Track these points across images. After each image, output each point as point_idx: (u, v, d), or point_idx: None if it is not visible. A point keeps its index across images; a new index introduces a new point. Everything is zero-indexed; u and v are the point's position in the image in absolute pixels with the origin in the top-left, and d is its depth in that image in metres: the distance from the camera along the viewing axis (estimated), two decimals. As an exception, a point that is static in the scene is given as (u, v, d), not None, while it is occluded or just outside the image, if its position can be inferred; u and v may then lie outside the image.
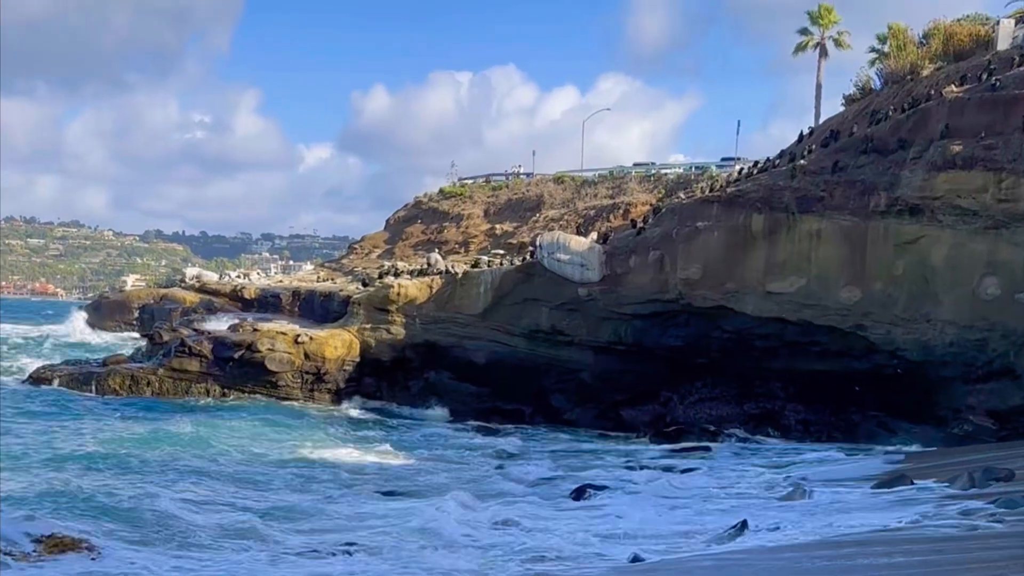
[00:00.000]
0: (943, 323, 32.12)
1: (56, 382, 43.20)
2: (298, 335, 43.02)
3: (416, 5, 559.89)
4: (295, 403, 41.47)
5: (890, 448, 31.43)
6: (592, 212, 63.11)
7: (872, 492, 20.64)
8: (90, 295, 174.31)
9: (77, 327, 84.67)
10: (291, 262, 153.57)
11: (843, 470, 26.21)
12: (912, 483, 20.46)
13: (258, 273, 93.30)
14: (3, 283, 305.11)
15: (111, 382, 42.58)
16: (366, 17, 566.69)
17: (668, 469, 27.95)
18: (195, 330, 46.34)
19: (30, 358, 56.59)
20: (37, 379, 44.37)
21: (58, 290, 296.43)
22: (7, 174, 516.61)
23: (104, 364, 46.74)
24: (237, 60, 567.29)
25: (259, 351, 42.24)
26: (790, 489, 22.24)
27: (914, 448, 31.27)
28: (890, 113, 36.19)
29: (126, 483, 23.53)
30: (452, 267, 45.81)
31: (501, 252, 55.05)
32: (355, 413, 40.71)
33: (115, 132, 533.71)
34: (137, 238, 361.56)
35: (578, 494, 23.24)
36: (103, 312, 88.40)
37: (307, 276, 79.39)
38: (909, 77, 38.81)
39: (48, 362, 50.84)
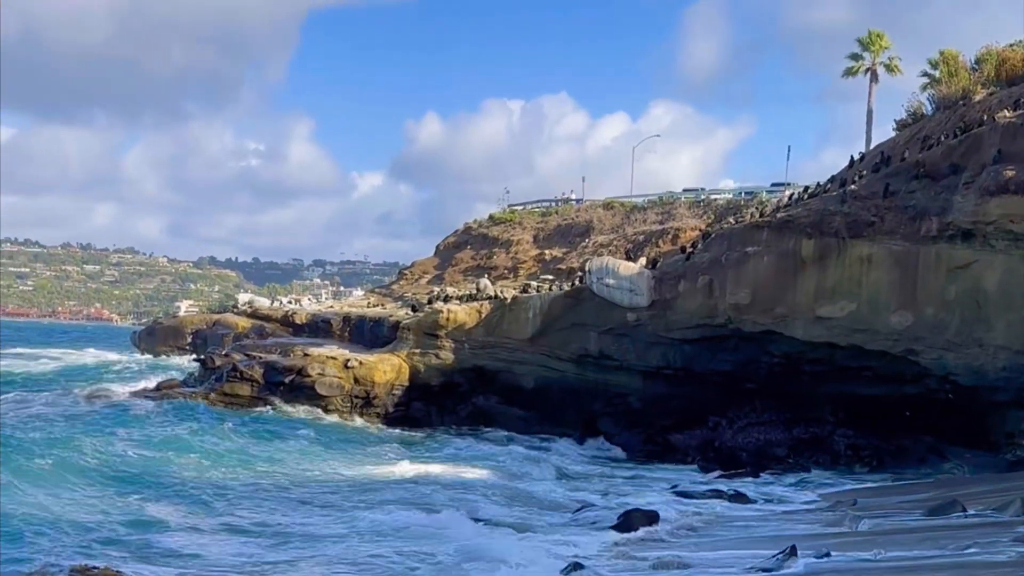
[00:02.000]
0: (996, 348, 31.77)
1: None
2: (348, 360, 43.28)
3: (470, 34, 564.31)
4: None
5: (942, 475, 31.13)
6: (641, 237, 63.02)
7: (923, 518, 20.44)
8: (144, 320, 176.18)
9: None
10: (342, 288, 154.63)
11: (894, 496, 25.97)
12: (964, 510, 20.21)
13: (309, 299, 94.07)
14: (59, 308, 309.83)
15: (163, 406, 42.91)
16: (419, 46, 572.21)
17: (716, 495, 27.76)
18: (247, 355, 46.74)
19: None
20: (91, 398, 44.70)
21: (113, 315, 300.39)
22: (65, 202, 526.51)
23: (158, 388, 47.22)
24: (292, 89, 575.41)
25: (309, 376, 42.54)
26: (839, 515, 22.06)
27: (966, 474, 30.93)
28: (942, 138, 35.97)
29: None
30: (501, 292, 45.96)
31: (550, 277, 55.16)
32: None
33: (171, 160, 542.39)
34: (191, 264, 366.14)
35: (626, 520, 23.09)
36: (157, 337, 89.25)
37: (357, 302, 79.87)
38: (961, 102, 38.56)
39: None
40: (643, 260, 44.20)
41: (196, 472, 28.31)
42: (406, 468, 31.13)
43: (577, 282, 43.32)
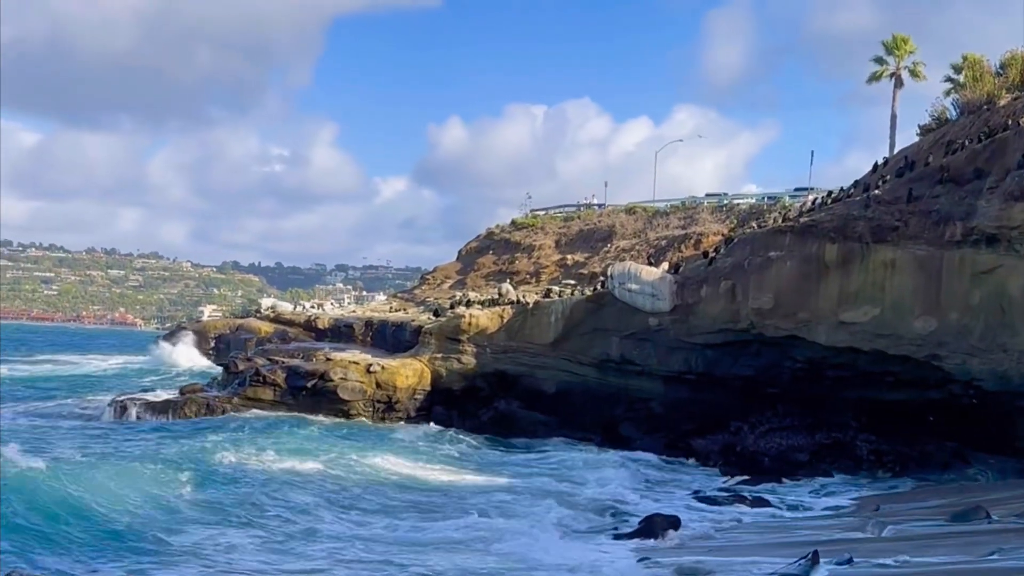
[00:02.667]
0: (1020, 353, 31.38)
1: (134, 411, 43.57)
2: (370, 364, 43.37)
3: (493, 40, 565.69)
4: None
5: (966, 480, 30.96)
6: (664, 242, 62.93)
7: (947, 524, 20.32)
8: (168, 325, 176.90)
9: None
10: (364, 292, 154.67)
11: (917, 502, 25.84)
12: (988, 516, 20.10)
13: (332, 303, 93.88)
14: (84, 313, 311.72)
15: (187, 410, 43.04)
16: (443, 51, 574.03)
17: (738, 500, 27.71)
18: (270, 359, 46.86)
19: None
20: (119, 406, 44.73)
21: (137, 320, 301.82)
22: (90, 207, 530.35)
23: (181, 393, 47.35)
24: (316, 95, 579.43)
25: (332, 380, 42.63)
26: (862, 521, 21.96)
27: (990, 480, 30.73)
28: (966, 143, 35.72)
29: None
30: (523, 297, 45.97)
31: (572, 282, 55.13)
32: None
33: (196, 165, 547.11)
34: (214, 269, 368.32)
35: (648, 525, 23.02)
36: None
37: (380, 306, 79.87)
38: (985, 107, 38.28)
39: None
40: (665, 265, 44.16)
41: (232, 471, 28.38)
42: (441, 474, 31.41)
43: (599, 287, 43.27)
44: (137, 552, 18.79)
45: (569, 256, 69.88)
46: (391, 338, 54.69)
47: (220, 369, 55.45)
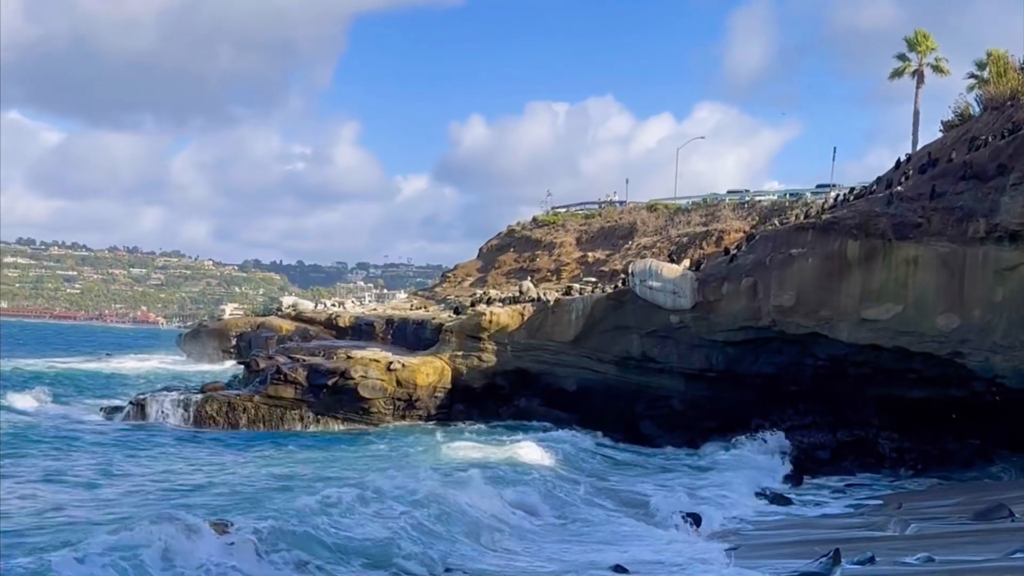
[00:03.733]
0: (1043, 351, 31.33)
1: (155, 407, 43.41)
2: (391, 362, 43.31)
3: (515, 37, 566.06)
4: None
5: (988, 478, 30.82)
6: (685, 239, 62.81)
7: (969, 522, 20.19)
8: (189, 323, 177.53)
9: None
10: (385, 290, 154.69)
11: (939, 500, 25.70)
12: (1011, 514, 19.96)
13: (353, 301, 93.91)
14: (106, 311, 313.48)
15: (208, 408, 42.96)
16: (464, 49, 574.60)
17: (759, 497, 27.64)
18: (291, 358, 46.86)
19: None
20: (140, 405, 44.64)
21: (159, 318, 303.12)
22: (113, 206, 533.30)
23: (202, 391, 47.32)
24: (338, 93, 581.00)
25: (352, 378, 42.54)
26: (884, 519, 21.84)
27: (1013, 478, 30.57)
28: (989, 139, 35.53)
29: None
30: (544, 295, 45.92)
31: (593, 280, 54.99)
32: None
33: (218, 164, 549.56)
34: (236, 268, 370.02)
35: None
36: (202, 340, 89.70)
37: (401, 304, 79.89)
38: (1009, 103, 38.03)
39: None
40: (687, 262, 43.99)
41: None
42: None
43: (620, 284, 43.17)
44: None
45: (590, 253, 69.85)
46: (412, 336, 54.66)
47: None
